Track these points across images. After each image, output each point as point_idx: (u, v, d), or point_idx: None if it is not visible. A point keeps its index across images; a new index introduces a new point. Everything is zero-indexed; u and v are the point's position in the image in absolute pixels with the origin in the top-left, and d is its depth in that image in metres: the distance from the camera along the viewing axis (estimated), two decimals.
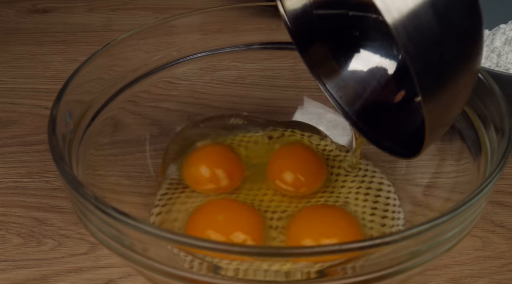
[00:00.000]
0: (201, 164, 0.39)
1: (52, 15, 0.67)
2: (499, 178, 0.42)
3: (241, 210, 0.37)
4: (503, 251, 0.38)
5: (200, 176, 0.39)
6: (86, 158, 0.34)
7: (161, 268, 0.26)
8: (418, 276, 0.36)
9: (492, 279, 0.36)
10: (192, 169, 0.40)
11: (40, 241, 0.39)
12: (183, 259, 0.28)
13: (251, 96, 0.45)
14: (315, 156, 0.40)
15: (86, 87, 0.35)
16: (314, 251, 0.24)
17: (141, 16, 0.67)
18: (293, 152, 0.41)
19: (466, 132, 0.33)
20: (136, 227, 0.25)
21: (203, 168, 0.39)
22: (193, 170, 0.40)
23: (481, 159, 0.31)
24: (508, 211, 0.40)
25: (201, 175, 0.39)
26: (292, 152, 0.41)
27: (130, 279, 0.36)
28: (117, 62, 0.38)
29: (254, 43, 0.43)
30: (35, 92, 0.53)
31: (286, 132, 0.43)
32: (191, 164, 0.40)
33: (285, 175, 0.39)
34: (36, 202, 0.41)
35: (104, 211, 0.26)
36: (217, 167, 0.39)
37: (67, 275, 0.36)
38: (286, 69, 0.44)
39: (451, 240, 0.27)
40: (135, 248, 0.26)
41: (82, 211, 0.28)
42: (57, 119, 0.30)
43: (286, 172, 0.39)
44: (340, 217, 0.36)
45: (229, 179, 0.39)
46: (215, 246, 0.24)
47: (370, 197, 0.38)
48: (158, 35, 0.40)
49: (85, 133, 0.34)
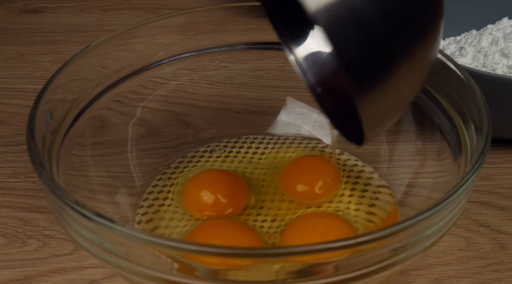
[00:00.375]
0: (202, 193, 0.38)
1: (44, 15, 0.66)
2: (486, 178, 0.43)
3: (237, 232, 0.36)
4: (487, 251, 0.38)
5: (201, 204, 0.38)
6: (69, 159, 0.34)
7: (144, 271, 0.26)
8: (401, 277, 0.36)
9: (475, 279, 0.36)
10: (192, 197, 0.38)
11: (25, 241, 0.39)
12: (165, 261, 0.28)
13: (240, 96, 0.45)
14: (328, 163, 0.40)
15: (69, 86, 0.35)
16: (296, 250, 0.24)
17: (133, 16, 0.67)
18: (310, 162, 0.41)
19: (449, 132, 0.33)
20: (115, 229, 0.25)
21: (204, 196, 0.38)
22: (194, 199, 0.38)
23: (461, 159, 0.31)
24: (493, 211, 0.40)
25: (202, 203, 0.38)
26: (309, 162, 0.41)
27: (114, 279, 0.36)
28: (101, 62, 0.38)
29: (244, 43, 0.43)
30: (24, 92, 0.53)
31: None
32: (191, 191, 0.39)
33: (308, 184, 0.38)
34: (21, 202, 0.41)
35: (84, 215, 0.25)
36: (219, 195, 0.38)
37: (50, 276, 0.36)
38: (276, 69, 0.44)
39: (430, 237, 0.27)
40: (117, 252, 0.26)
41: (62, 216, 0.27)
42: (35, 120, 0.30)
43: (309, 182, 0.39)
44: (333, 227, 0.35)
45: (231, 207, 0.38)
46: (198, 249, 0.24)
47: (365, 201, 0.37)
48: (145, 35, 0.40)
49: (67, 133, 0.34)
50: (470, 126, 0.31)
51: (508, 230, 0.39)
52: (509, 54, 0.45)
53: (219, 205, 0.37)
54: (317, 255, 0.25)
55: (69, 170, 0.33)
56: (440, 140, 0.34)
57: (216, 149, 0.43)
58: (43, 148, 0.30)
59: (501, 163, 0.44)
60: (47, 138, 0.31)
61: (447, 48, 0.49)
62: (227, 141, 0.43)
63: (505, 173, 0.44)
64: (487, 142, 0.28)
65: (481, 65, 0.45)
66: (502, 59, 0.45)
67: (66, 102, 0.35)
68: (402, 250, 0.26)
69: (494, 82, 0.41)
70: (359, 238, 0.24)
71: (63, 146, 0.33)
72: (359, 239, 0.24)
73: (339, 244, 0.24)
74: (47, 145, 0.31)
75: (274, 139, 0.43)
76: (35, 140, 0.29)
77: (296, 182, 0.39)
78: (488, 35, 0.46)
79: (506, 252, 0.37)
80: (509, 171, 0.44)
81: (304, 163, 0.40)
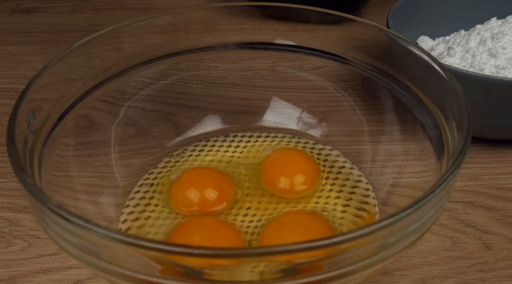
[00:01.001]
0: (189, 189, 0.38)
1: (36, 15, 0.67)
2: (473, 179, 0.43)
3: (220, 229, 0.36)
4: (472, 251, 0.38)
5: (187, 201, 0.38)
6: (53, 159, 0.34)
7: (128, 274, 0.26)
8: (386, 276, 0.36)
9: (460, 279, 0.36)
10: (179, 194, 0.38)
11: (10, 241, 0.39)
12: (150, 264, 0.28)
13: (230, 96, 0.45)
14: (308, 157, 0.40)
15: (53, 86, 0.35)
16: (280, 250, 0.24)
17: (125, 17, 0.67)
18: (289, 155, 0.41)
19: (432, 132, 0.33)
20: (91, 230, 0.24)
21: (190, 193, 0.37)
22: (179, 197, 0.38)
23: (443, 158, 0.31)
24: (479, 211, 0.40)
25: (188, 200, 0.37)
26: (288, 155, 0.41)
27: (98, 280, 0.36)
28: (87, 62, 0.38)
29: (235, 43, 0.43)
30: (14, 92, 0.53)
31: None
32: (178, 188, 0.38)
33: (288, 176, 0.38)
34: (8, 202, 0.41)
35: (65, 219, 0.25)
36: (205, 192, 0.37)
37: (35, 276, 0.36)
38: (266, 69, 0.44)
39: (411, 235, 0.27)
40: (98, 254, 0.26)
41: (43, 219, 0.27)
42: (16, 121, 0.30)
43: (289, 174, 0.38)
44: (312, 227, 0.35)
45: (217, 204, 0.37)
46: (180, 250, 0.24)
47: (353, 203, 0.37)
48: (134, 35, 0.40)
49: (51, 133, 0.34)
50: (452, 126, 0.31)
51: (494, 230, 0.39)
52: (496, 54, 0.45)
53: (204, 202, 0.37)
54: (296, 254, 0.25)
55: (52, 170, 0.33)
56: (424, 140, 0.34)
57: (204, 149, 0.43)
58: (24, 149, 0.30)
59: (488, 163, 0.44)
60: (29, 139, 0.31)
61: (436, 48, 0.49)
62: (214, 140, 0.43)
63: (492, 173, 0.44)
64: (466, 141, 0.28)
65: (469, 65, 0.45)
66: (490, 59, 0.45)
67: (50, 101, 0.35)
68: (382, 249, 0.26)
69: (481, 82, 0.41)
70: (339, 237, 0.24)
71: (46, 146, 0.33)
72: (339, 238, 0.24)
73: (318, 243, 0.24)
74: (29, 146, 0.31)
75: (262, 136, 0.43)
76: (15, 142, 0.29)
77: (275, 176, 0.38)
78: (476, 35, 0.46)
79: (491, 252, 0.37)
80: (496, 171, 0.44)
81: (282, 156, 0.40)
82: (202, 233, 0.34)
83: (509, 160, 0.45)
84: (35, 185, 0.27)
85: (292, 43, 0.42)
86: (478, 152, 0.46)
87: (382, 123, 0.38)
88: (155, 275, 0.26)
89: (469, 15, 0.52)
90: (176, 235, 0.34)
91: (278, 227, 0.35)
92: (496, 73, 0.45)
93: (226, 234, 0.35)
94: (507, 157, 0.45)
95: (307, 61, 0.42)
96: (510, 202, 0.41)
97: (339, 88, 0.42)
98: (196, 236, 0.34)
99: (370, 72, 0.39)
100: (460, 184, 0.43)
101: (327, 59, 0.42)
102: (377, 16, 0.67)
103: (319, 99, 0.43)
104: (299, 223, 0.35)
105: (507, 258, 0.37)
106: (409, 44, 0.35)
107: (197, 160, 0.41)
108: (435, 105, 0.33)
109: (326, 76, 0.42)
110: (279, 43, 0.43)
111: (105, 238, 0.24)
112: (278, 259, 0.27)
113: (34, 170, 0.30)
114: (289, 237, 0.33)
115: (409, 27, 0.52)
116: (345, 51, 0.40)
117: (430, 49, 0.50)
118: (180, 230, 0.35)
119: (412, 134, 0.35)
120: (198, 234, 0.34)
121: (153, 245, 0.24)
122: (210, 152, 0.42)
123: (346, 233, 0.24)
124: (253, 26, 0.43)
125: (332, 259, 0.26)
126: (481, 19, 0.50)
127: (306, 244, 0.24)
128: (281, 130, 0.43)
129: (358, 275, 0.27)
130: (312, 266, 0.27)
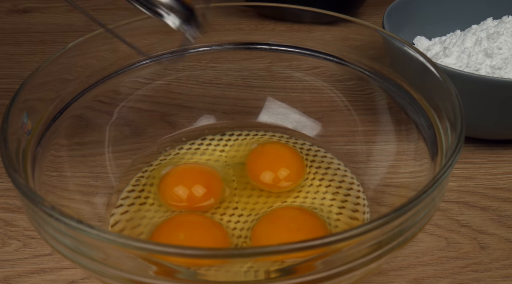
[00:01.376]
0: (177, 186, 0.38)
1: (33, 15, 0.67)
2: (468, 179, 0.43)
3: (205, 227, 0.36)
4: (467, 251, 0.38)
5: (176, 197, 0.38)
6: (47, 159, 0.34)
7: (122, 275, 0.26)
8: (380, 277, 0.36)
9: (454, 279, 0.36)
10: (168, 190, 0.38)
11: (5, 242, 0.39)
12: (142, 264, 0.27)
13: (226, 97, 0.45)
14: (293, 151, 0.40)
15: (48, 86, 0.35)
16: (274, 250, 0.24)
17: (122, 17, 0.66)
18: (273, 149, 0.41)
19: (427, 132, 0.33)
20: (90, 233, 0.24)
21: (179, 189, 0.38)
22: (169, 191, 0.38)
23: (437, 158, 0.31)
24: (474, 211, 0.40)
25: (177, 196, 0.38)
26: (272, 149, 0.41)
27: (93, 280, 0.36)
28: (82, 62, 0.38)
29: (231, 43, 0.43)
30: (10, 93, 0.52)
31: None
32: (168, 184, 0.39)
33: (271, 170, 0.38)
34: (3, 203, 0.41)
35: (58, 220, 0.25)
36: (194, 188, 0.38)
37: (29, 276, 0.36)
38: (262, 70, 0.44)
39: (404, 235, 0.27)
40: (94, 257, 0.26)
41: (36, 220, 0.27)
42: (8, 121, 0.29)
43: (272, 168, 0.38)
44: (305, 223, 0.35)
45: (206, 200, 0.38)
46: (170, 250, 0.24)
47: (339, 197, 0.37)
48: (130, 35, 0.40)
49: (45, 133, 0.34)
50: (446, 126, 0.31)
51: (489, 230, 0.39)
52: (492, 54, 0.45)
53: (192, 198, 0.37)
54: (288, 254, 0.25)
55: (46, 171, 0.33)
56: (418, 140, 0.34)
57: (200, 147, 0.43)
58: (17, 149, 0.30)
59: (484, 163, 0.44)
60: (23, 139, 0.31)
61: (432, 49, 0.49)
62: (211, 138, 0.43)
63: (488, 173, 0.44)
64: (459, 141, 0.28)
65: (465, 65, 0.45)
66: (486, 59, 0.45)
67: (44, 101, 0.35)
68: (376, 248, 0.26)
69: (477, 82, 0.41)
70: (332, 236, 0.24)
71: (40, 147, 0.33)
72: (332, 238, 0.24)
73: (311, 243, 0.24)
74: (22, 147, 0.31)
75: (258, 135, 0.43)
76: (7, 143, 0.29)
77: (259, 170, 0.38)
78: (472, 35, 0.46)
79: (486, 253, 0.37)
80: (492, 171, 0.44)
81: (266, 150, 0.40)
82: (187, 231, 0.35)
83: (505, 161, 0.45)
84: (27, 186, 0.27)
85: (288, 43, 0.42)
86: (473, 152, 0.46)
87: (377, 123, 0.38)
88: (149, 276, 0.26)
89: (465, 15, 0.52)
90: (160, 233, 0.34)
91: (271, 224, 0.35)
92: (491, 73, 0.45)
93: (210, 231, 0.35)
94: (502, 157, 0.45)
95: (303, 61, 0.42)
96: (505, 202, 0.41)
97: (335, 89, 0.42)
98: (180, 234, 0.34)
99: (365, 73, 0.39)
100: (456, 184, 0.43)
101: (323, 59, 0.42)
102: (374, 16, 0.67)
103: (314, 99, 0.43)
104: (292, 220, 0.35)
105: (501, 258, 0.37)
106: (404, 45, 0.35)
107: (193, 159, 0.41)
108: (429, 105, 0.33)
109: (322, 77, 0.42)
110: (275, 43, 0.43)
111: (97, 239, 0.24)
112: (269, 259, 0.27)
113: (27, 171, 0.30)
114: (282, 234, 0.33)
115: (405, 27, 0.52)
116: (341, 51, 0.40)
117: (426, 49, 0.50)
118: (164, 228, 0.35)
119: (407, 134, 0.35)
120: (182, 232, 0.34)
121: (141, 245, 0.24)
122: (206, 151, 0.42)
123: (339, 233, 0.24)
124: (249, 26, 0.43)
125: (326, 258, 0.26)
126: (477, 19, 0.50)
127: (299, 244, 0.24)
128: (277, 129, 0.43)
129: (352, 275, 0.27)
130: (306, 266, 0.27)
